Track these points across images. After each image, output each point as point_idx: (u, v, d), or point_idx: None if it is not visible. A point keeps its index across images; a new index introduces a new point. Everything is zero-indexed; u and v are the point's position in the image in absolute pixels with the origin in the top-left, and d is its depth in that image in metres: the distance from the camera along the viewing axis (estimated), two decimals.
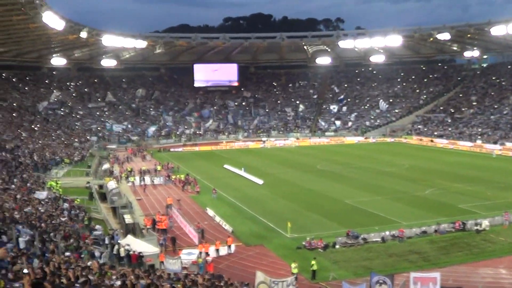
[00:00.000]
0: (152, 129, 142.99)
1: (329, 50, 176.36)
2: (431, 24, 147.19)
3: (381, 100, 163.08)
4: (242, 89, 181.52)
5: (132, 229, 51.25)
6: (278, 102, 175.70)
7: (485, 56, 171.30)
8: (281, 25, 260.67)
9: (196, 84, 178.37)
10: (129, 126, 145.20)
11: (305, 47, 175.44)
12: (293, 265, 39.39)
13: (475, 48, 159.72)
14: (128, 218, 53.94)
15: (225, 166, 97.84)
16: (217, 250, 45.70)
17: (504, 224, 52.19)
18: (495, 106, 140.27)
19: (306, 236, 48.60)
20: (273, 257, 45.09)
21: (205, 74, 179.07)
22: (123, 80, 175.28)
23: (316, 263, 39.86)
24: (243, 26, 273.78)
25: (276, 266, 42.56)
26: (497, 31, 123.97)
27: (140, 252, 41.33)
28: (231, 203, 67.10)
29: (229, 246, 46.61)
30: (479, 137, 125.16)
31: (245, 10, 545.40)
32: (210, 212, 60.49)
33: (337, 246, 46.97)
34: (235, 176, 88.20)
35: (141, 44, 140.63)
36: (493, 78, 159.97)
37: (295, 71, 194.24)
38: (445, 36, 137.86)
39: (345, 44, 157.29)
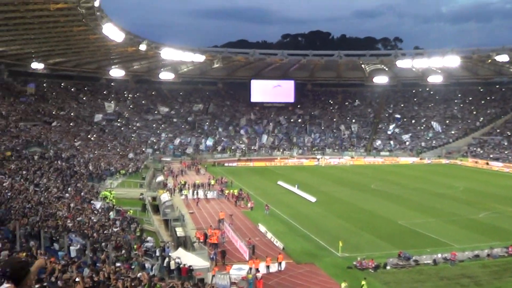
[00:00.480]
0: (207, 143, 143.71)
1: (386, 69, 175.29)
2: (490, 45, 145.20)
3: (435, 123, 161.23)
4: (299, 106, 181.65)
5: (184, 242, 51.56)
6: (334, 120, 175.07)
7: None
8: (339, 43, 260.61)
9: (252, 100, 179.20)
10: (185, 139, 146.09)
11: (362, 65, 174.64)
12: (343, 284, 39.22)
13: None
14: (180, 231, 54.31)
15: (279, 182, 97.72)
16: (268, 267, 45.60)
17: None
18: None
19: (357, 255, 48.23)
20: (324, 275, 44.84)
21: (262, 90, 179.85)
22: (180, 93, 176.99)
23: (366, 284, 39.61)
24: (301, 43, 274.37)
25: (326, 285, 42.41)
26: None
27: (190, 266, 41.47)
28: (283, 220, 66.96)
29: (280, 263, 46.46)
30: None
31: (304, 27, 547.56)
32: (262, 228, 60.49)
33: (388, 267, 46.49)
34: (288, 193, 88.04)
35: (199, 58, 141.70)
36: None
37: (352, 90, 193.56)
38: (503, 57, 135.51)
39: (402, 63, 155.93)
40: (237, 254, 50.45)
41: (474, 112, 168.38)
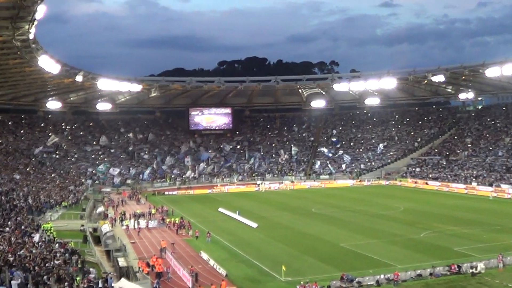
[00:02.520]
0: (147, 172, 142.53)
1: (323, 93, 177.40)
2: (426, 66, 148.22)
3: (380, 144, 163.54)
4: (237, 132, 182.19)
5: (126, 272, 50.91)
6: (273, 145, 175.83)
7: (479, 98, 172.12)
8: (275, 68, 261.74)
9: (191, 127, 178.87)
10: (124, 169, 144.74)
11: (300, 90, 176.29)
12: None
13: (469, 90, 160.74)
14: (122, 261, 53.66)
15: (220, 209, 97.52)
16: None
17: (500, 267, 51.99)
18: (490, 148, 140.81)
19: (300, 279, 48.22)
20: None
21: (200, 118, 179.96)
22: (118, 123, 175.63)
23: None
24: (238, 69, 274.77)
25: None
26: (491, 72, 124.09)
27: None
28: (225, 247, 66.73)
29: None
30: (474, 179, 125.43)
31: (240, 54, 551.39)
32: (204, 255, 60.07)
33: None
34: (229, 220, 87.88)
35: (136, 87, 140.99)
36: (488, 119, 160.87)
37: (290, 114, 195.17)
38: (439, 78, 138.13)
39: (339, 87, 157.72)
40: (180, 283, 49.97)
41: (412, 133, 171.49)
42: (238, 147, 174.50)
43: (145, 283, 46.48)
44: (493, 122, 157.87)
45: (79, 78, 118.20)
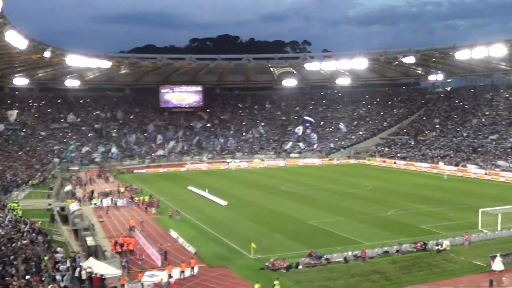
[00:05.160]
0: (115, 150, 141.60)
1: (295, 72, 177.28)
2: (397, 48, 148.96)
3: (341, 123, 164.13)
4: (208, 110, 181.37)
5: (94, 252, 50.65)
6: (243, 123, 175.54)
7: (449, 80, 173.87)
8: (247, 46, 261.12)
9: (161, 105, 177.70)
10: (92, 147, 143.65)
11: (271, 69, 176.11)
12: (256, 286, 39.37)
13: (439, 72, 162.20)
14: (90, 241, 53.32)
15: (189, 187, 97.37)
16: (182, 272, 45.31)
17: (465, 244, 52.90)
18: (458, 129, 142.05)
19: (269, 257, 48.57)
20: (237, 278, 44.85)
21: (171, 95, 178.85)
22: (87, 100, 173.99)
23: (278, 284, 39.80)
24: (209, 47, 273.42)
25: (239, 287, 42.46)
26: (461, 55, 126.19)
27: (102, 275, 40.80)
28: (194, 225, 66.78)
29: (192, 268, 46.18)
30: (441, 159, 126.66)
31: (212, 31, 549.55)
32: (174, 234, 60.11)
33: (300, 267, 46.95)
34: (199, 198, 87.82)
35: (106, 64, 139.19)
36: (456, 101, 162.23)
37: (261, 93, 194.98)
38: (410, 59, 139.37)
39: (311, 66, 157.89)
40: (149, 261, 49.84)
41: (382, 113, 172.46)
42: (209, 125, 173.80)
43: (113, 261, 46.35)
44: (461, 104, 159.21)
45: (47, 54, 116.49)
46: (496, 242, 54.72)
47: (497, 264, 44.68)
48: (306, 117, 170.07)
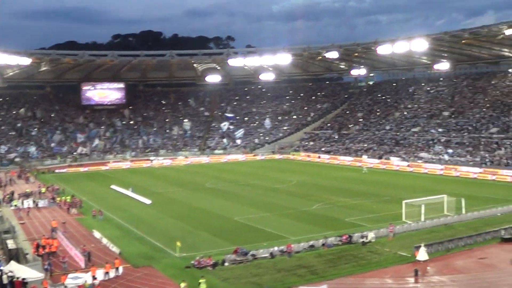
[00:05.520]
0: (35, 150, 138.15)
1: (219, 68, 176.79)
2: (320, 43, 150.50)
3: (267, 119, 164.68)
4: (131, 107, 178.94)
5: (16, 255, 48.95)
6: (167, 120, 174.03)
7: (371, 74, 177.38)
8: (171, 42, 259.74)
9: (83, 103, 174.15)
10: (12, 147, 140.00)
11: (194, 65, 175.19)
12: (182, 284, 38.75)
13: (362, 66, 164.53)
14: (11, 244, 51.51)
15: (112, 186, 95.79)
16: (107, 273, 44.21)
17: (389, 236, 53.48)
18: (380, 123, 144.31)
19: (195, 255, 47.91)
20: (162, 277, 44.09)
21: (93, 92, 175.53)
22: (6, 99, 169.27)
23: (204, 282, 39.24)
24: (132, 43, 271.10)
25: (165, 287, 41.84)
26: (383, 50, 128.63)
27: (24, 279, 39.54)
28: (118, 224, 65.47)
29: (117, 268, 45.16)
30: (364, 152, 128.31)
31: (135, 27, 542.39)
32: (97, 234, 58.74)
33: (226, 264, 46.43)
34: (122, 197, 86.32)
35: (26, 61, 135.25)
36: (379, 95, 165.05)
37: (185, 89, 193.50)
38: (333, 54, 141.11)
39: (234, 62, 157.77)
40: (72, 263, 48.47)
41: (305, 108, 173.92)
42: (132, 122, 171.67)
43: (35, 265, 44.88)
44: (383, 97, 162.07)
45: None
46: (420, 232, 55.54)
47: (422, 254, 45.23)
48: (226, 114, 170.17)
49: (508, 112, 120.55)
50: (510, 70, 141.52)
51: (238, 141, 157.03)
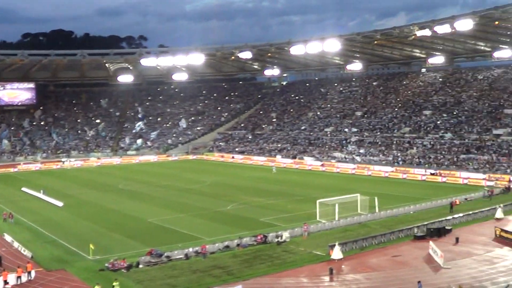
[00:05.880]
0: None
1: (131, 68, 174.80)
2: (233, 43, 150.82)
3: (183, 119, 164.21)
4: (41, 108, 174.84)
5: None
6: (79, 121, 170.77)
7: (284, 74, 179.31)
8: (82, 42, 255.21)
9: None
10: None
11: (106, 64, 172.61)
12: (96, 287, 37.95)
13: (275, 66, 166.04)
14: None
15: (23, 189, 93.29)
16: (19, 278, 42.97)
17: (304, 235, 53.95)
18: (294, 123, 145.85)
19: (109, 257, 47.12)
20: (76, 281, 43.13)
21: (2, 93, 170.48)
22: None
23: (118, 285, 38.73)
24: (42, 42, 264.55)
25: None
26: (296, 50, 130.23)
27: None
28: (30, 227, 63.72)
29: (29, 272, 43.94)
30: (278, 152, 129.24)
31: (45, 26, 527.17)
32: (8, 237, 56.99)
33: (140, 266, 45.91)
34: (33, 199, 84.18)
35: None
36: (292, 95, 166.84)
37: (96, 89, 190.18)
38: (246, 55, 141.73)
39: (147, 62, 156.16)
40: None
41: (219, 108, 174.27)
42: (42, 123, 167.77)
43: None
44: (297, 97, 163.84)
45: None
46: (334, 231, 56.35)
47: (336, 253, 45.86)
48: (140, 114, 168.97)
49: (420, 112, 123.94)
50: (422, 71, 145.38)
51: (149, 143, 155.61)
